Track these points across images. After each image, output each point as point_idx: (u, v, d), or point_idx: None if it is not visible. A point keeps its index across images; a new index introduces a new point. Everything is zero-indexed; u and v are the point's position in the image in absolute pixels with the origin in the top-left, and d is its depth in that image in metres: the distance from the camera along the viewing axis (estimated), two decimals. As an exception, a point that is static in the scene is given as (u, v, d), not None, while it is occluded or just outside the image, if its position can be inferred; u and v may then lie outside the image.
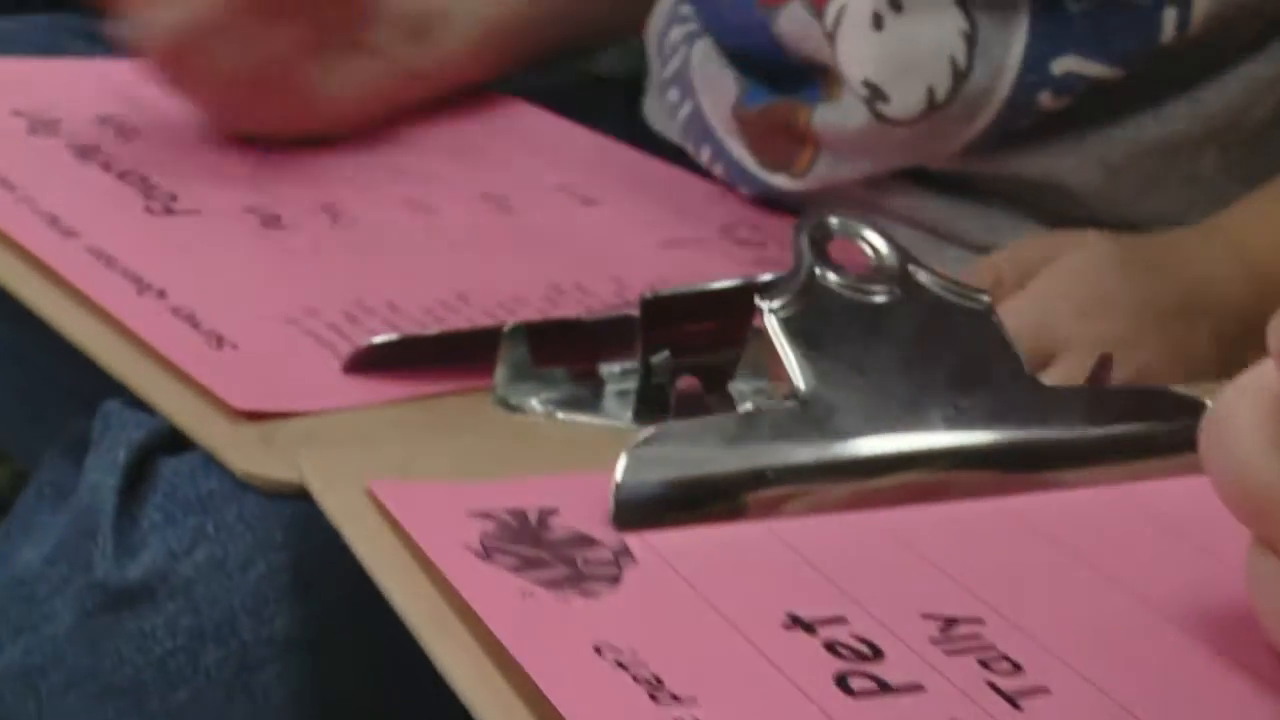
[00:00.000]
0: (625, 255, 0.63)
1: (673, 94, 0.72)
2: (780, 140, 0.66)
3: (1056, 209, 0.64)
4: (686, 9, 0.73)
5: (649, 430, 0.37)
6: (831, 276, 0.43)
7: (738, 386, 0.46)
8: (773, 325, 0.41)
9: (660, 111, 0.76)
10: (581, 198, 0.68)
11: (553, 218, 0.65)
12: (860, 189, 0.67)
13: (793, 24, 0.64)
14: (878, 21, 0.62)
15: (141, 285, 0.53)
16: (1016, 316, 0.50)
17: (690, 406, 0.41)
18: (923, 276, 0.44)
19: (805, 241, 0.43)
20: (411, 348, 0.50)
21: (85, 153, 0.63)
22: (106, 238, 0.56)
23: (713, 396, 0.50)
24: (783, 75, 0.67)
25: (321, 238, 0.59)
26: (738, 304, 0.51)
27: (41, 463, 0.51)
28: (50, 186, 0.59)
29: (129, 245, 0.55)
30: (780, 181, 0.67)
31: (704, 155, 0.70)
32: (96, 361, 0.48)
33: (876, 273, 0.44)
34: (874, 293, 0.43)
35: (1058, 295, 0.56)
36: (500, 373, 0.49)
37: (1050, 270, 0.57)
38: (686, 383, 0.40)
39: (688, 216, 0.67)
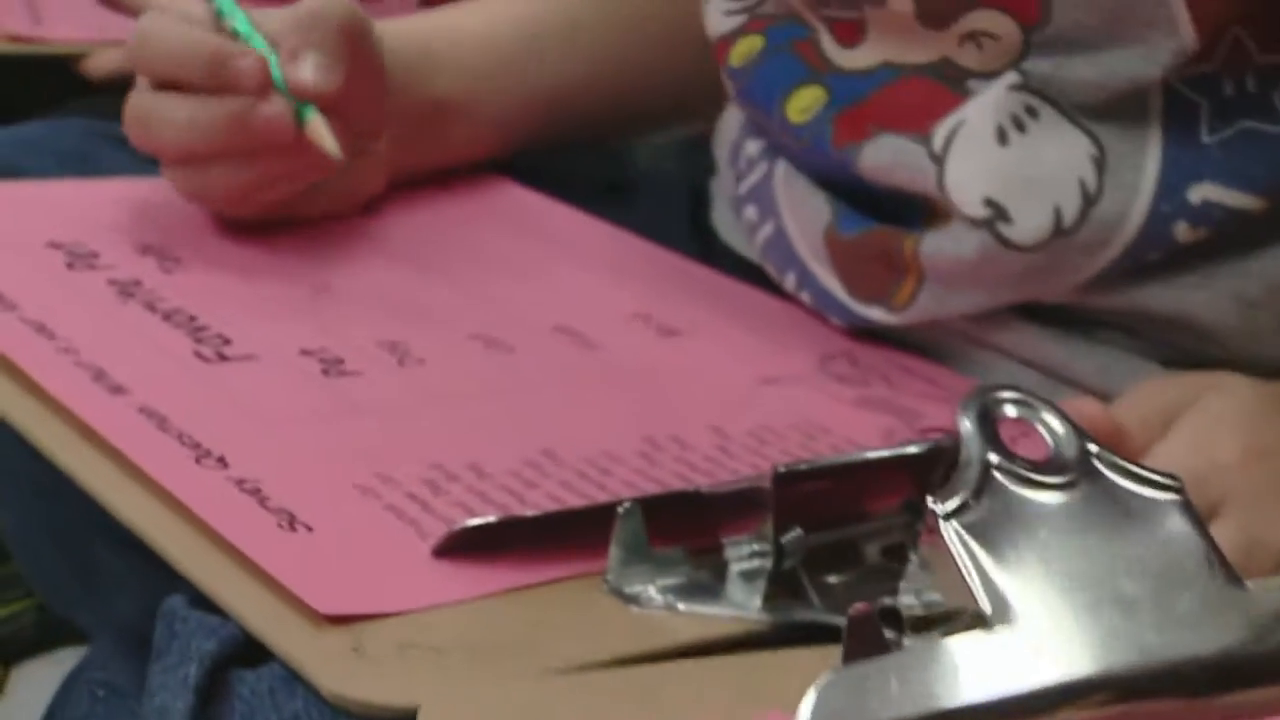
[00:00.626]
0: (719, 398, 0.57)
1: (750, 212, 0.67)
2: (878, 270, 0.61)
3: (1185, 347, 0.59)
4: None
5: (831, 675, 0.32)
6: (1007, 467, 0.37)
7: (905, 600, 0.40)
8: (951, 537, 0.35)
9: (733, 226, 0.71)
10: (661, 328, 0.63)
11: (635, 353, 0.60)
12: (962, 323, 0.62)
13: (881, 156, 0.60)
14: (1002, 137, 0.57)
15: (200, 451, 0.47)
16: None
17: (863, 633, 0.35)
18: (1103, 463, 0.39)
19: (973, 426, 0.38)
20: (509, 528, 0.44)
21: (127, 290, 0.57)
22: (158, 394, 0.50)
23: (846, 580, 0.45)
24: (877, 202, 0.62)
25: (390, 385, 0.54)
26: (876, 475, 0.46)
27: (91, 657, 0.46)
28: (93, 333, 0.53)
29: (182, 402, 0.50)
30: (876, 314, 0.62)
31: (788, 281, 0.65)
32: (157, 550, 0.42)
33: (1054, 460, 0.38)
34: (1053, 485, 0.38)
35: (1211, 445, 0.51)
36: (614, 556, 0.43)
37: (1193, 418, 0.52)
38: (859, 611, 0.35)
39: (779, 348, 0.62)
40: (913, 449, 0.45)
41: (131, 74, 1.03)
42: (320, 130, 0.60)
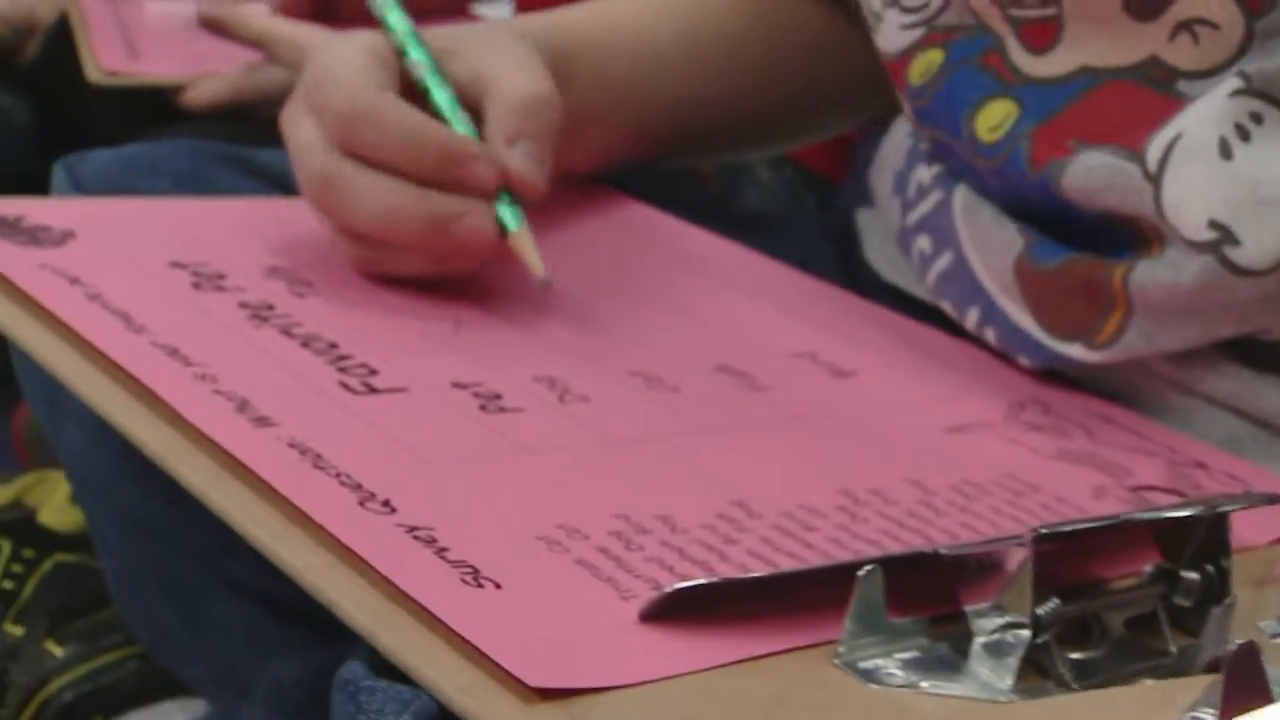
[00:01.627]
0: (908, 447, 0.52)
1: (923, 243, 0.62)
2: (1078, 303, 0.56)
3: None
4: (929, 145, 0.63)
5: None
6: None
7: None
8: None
9: (894, 262, 0.66)
10: (832, 368, 0.57)
11: (807, 396, 0.55)
12: (1166, 366, 0.56)
13: (1090, 177, 0.54)
14: (1225, 150, 0.51)
15: (363, 494, 0.42)
16: None
17: (1243, 674, 0.30)
18: None
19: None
20: (725, 590, 0.39)
21: (259, 313, 0.52)
22: (307, 427, 0.45)
23: (1096, 655, 0.40)
24: (1071, 228, 0.56)
25: (555, 424, 0.49)
26: (1120, 540, 0.41)
27: (215, 715, 0.40)
28: (230, 358, 0.48)
29: (335, 437, 0.45)
30: (1075, 352, 0.56)
31: (969, 318, 0.59)
32: (336, 610, 0.37)
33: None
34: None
35: None
36: (849, 628, 0.38)
37: None
38: (1245, 648, 0.29)
39: (962, 393, 0.57)
40: (1175, 513, 0.39)
41: (230, 106, 1.00)
42: (527, 248, 0.56)
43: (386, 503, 0.42)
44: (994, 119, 0.57)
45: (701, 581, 0.39)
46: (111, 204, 0.60)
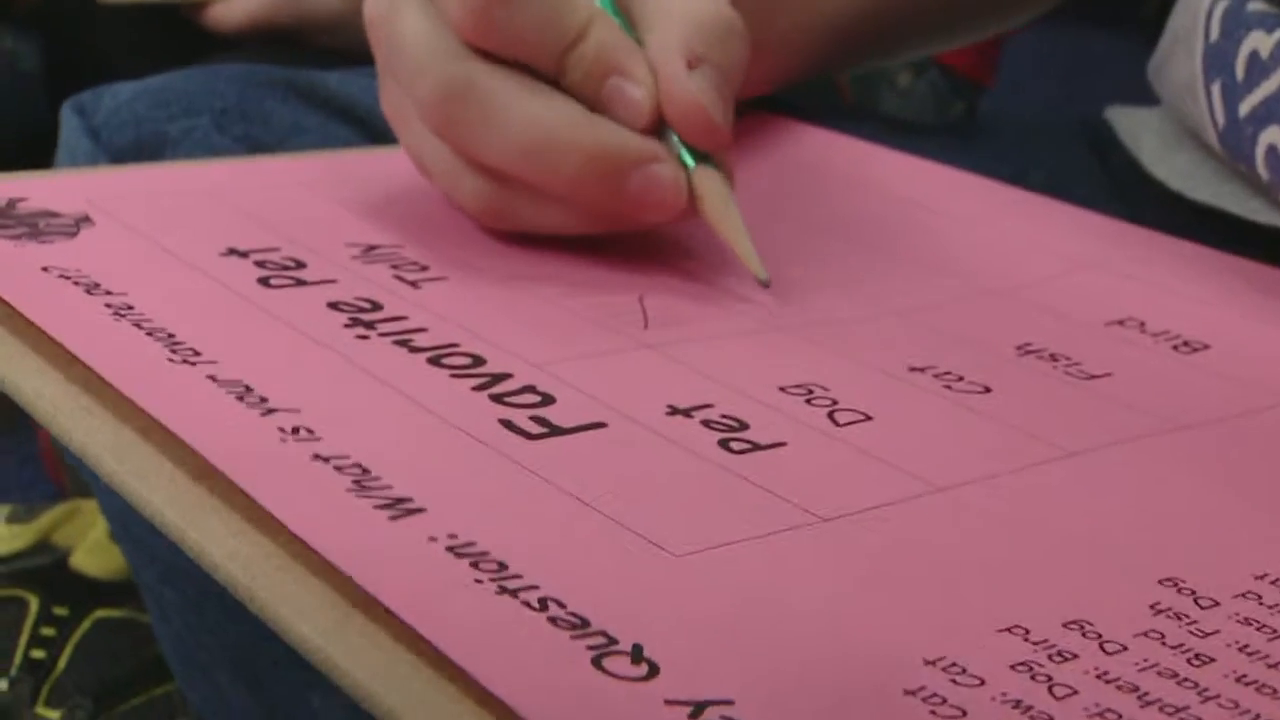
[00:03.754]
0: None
1: (1272, 137, 0.44)
2: None
3: None
4: (1264, 4, 0.45)
5: None
6: None
7: None
8: None
9: (1205, 173, 0.48)
10: (1173, 339, 0.40)
11: (1169, 388, 0.37)
12: None
13: None
14: None
15: (584, 632, 0.25)
16: None
17: None
18: None
19: None
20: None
21: (361, 317, 0.35)
22: (469, 513, 0.28)
23: None
24: None
25: (839, 465, 0.32)
26: None
27: None
28: (332, 399, 0.31)
29: (514, 525, 0.28)
30: None
31: None
32: None
33: None
34: None
35: None
36: None
37: None
38: None
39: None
40: None
41: (265, 28, 0.83)
42: (735, 229, 0.40)
43: (612, 642, 0.25)
44: None
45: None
46: (139, 172, 0.44)
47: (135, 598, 0.71)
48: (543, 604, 0.25)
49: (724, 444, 0.32)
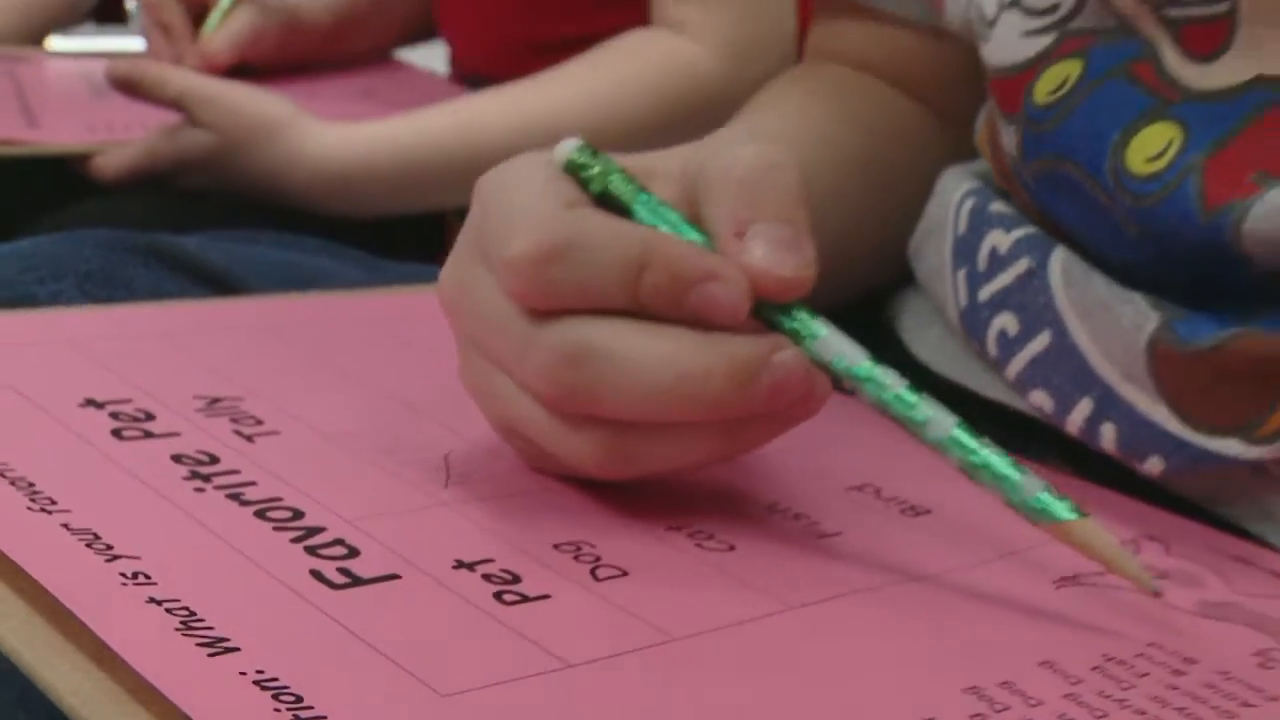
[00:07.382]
0: (1025, 611, 0.42)
1: (1004, 323, 0.51)
2: (1238, 389, 0.45)
3: None
4: (1004, 207, 0.53)
5: None
6: None
7: None
8: None
9: (950, 349, 0.56)
10: (900, 504, 0.47)
11: (888, 546, 0.44)
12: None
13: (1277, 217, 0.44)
14: None
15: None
16: None
17: None
18: None
19: None
20: None
21: (200, 469, 0.41)
22: (278, 652, 0.34)
23: None
24: (1233, 296, 0.46)
25: (594, 617, 0.38)
26: None
27: None
28: (169, 548, 0.37)
29: (316, 664, 0.34)
30: (1230, 449, 0.46)
31: (1076, 413, 0.49)
32: None
33: None
34: None
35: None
36: None
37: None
38: None
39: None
40: None
41: (145, 175, 0.88)
42: (1096, 535, 0.41)
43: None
44: (1153, 146, 0.46)
45: None
46: (3, 320, 0.49)
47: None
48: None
49: (498, 596, 0.38)
